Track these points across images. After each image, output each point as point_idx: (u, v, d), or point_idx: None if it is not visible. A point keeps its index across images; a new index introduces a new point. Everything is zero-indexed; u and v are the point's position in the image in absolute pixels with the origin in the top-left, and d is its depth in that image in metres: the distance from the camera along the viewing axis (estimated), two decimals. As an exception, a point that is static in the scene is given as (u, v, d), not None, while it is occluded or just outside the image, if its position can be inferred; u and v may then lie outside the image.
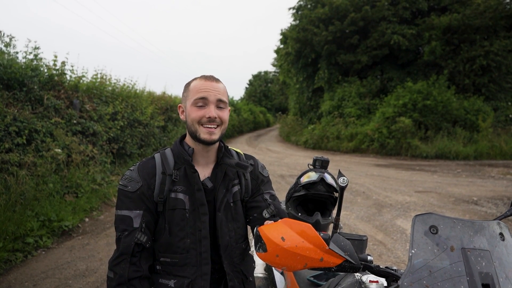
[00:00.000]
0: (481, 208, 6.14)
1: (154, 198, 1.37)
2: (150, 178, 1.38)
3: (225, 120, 1.42)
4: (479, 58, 15.76)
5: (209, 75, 1.44)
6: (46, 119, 6.42)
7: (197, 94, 1.37)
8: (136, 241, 1.31)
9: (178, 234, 1.37)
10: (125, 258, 1.31)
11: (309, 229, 0.97)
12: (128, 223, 1.34)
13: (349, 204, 6.49)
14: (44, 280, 3.71)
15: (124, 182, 1.38)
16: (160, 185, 1.37)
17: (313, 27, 18.35)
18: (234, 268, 1.45)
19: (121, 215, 1.36)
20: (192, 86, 1.41)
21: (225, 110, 1.43)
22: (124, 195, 1.37)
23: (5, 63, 6.15)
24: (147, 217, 1.36)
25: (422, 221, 0.93)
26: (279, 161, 12.36)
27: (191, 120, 1.38)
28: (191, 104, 1.38)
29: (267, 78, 52.37)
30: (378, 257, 4.19)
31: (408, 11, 17.75)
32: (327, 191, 2.07)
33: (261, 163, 1.63)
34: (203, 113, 1.36)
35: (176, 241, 1.37)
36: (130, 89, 10.40)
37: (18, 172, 5.06)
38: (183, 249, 1.37)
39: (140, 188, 1.36)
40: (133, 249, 1.31)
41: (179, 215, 1.37)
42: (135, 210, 1.35)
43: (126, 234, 1.33)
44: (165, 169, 1.39)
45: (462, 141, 13.73)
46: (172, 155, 1.44)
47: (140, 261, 1.34)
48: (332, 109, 18.36)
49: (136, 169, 1.40)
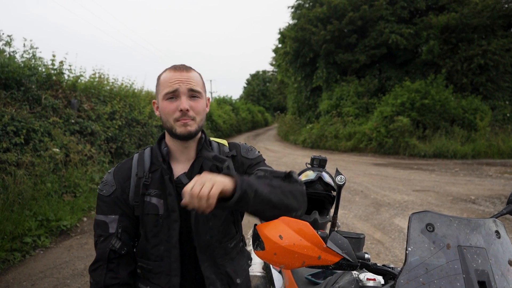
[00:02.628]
0: (479, 207, 6.16)
1: (130, 202, 1.31)
2: (124, 181, 1.32)
3: (200, 111, 1.30)
4: (477, 57, 15.79)
5: (179, 64, 1.33)
6: (44, 118, 6.41)
7: (167, 87, 1.26)
8: (111, 247, 1.26)
9: (151, 241, 1.30)
10: (101, 264, 1.27)
11: (307, 227, 0.97)
12: (103, 228, 1.29)
13: (347, 203, 6.50)
14: (43, 279, 3.71)
15: (101, 185, 1.34)
16: (135, 188, 1.30)
17: (311, 26, 18.35)
18: (217, 270, 1.33)
19: (97, 220, 1.31)
20: (162, 78, 1.31)
21: (200, 100, 1.30)
22: (100, 199, 1.32)
23: (3, 62, 6.13)
24: (124, 222, 1.30)
25: (418, 219, 0.94)
26: (277, 160, 12.36)
27: (164, 115, 1.29)
28: (162, 98, 1.28)
29: (265, 77, 52.37)
30: (376, 256, 4.20)
31: (406, 10, 17.78)
32: (325, 190, 2.08)
33: (247, 146, 1.47)
34: (175, 107, 1.25)
35: (149, 247, 1.31)
36: (128, 88, 10.40)
37: (16, 171, 5.05)
38: (157, 257, 1.30)
39: (114, 192, 1.30)
40: (108, 255, 1.26)
41: (152, 221, 1.29)
42: (110, 215, 1.29)
43: (102, 239, 1.28)
44: (139, 171, 1.32)
45: (460, 140, 13.75)
46: (150, 155, 1.36)
47: (119, 267, 1.29)
48: (330, 108, 18.37)
49: (113, 172, 1.35)
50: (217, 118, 21.06)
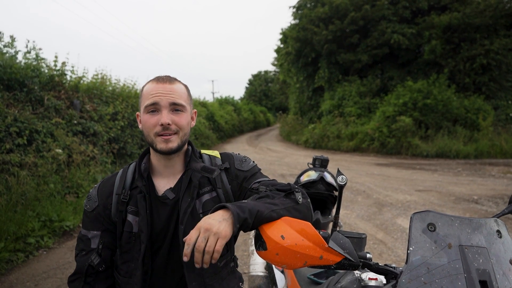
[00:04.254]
0: (482, 207, 6.15)
1: (112, 218, 1.29)
2: (106, 197, 1.30)
3: (183, 125, 1.24)
4: (479, 57, 15.75)
5: (163, 75, 1.28)
6: (47, 119, 6.43)
7: (148, 99, 1.22)
8: (90, 262, 1.26)
9: (123, 257, 1.29)
10: (79, 277, 1.28)
11: (309, 228, 0.98)
12: (86, 243, 1.29)
13: (350, 203, 6.50)
14: (46, 280, 3.72)
15: (86, 200, 1.33)
16: (116, 204, 1.28)
17: (313, 26, 18.35)
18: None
19: (81, 234, 1.32)
20: (144, 90, 1.26)
21: (183, 114, 1.25)
22: (85, 214, 1.32)
23: (6, 64, 6.16)
24: (107, 237, 1.29)
25: (420, 218, 0.94)
26: (279, 161, 12.37)
27: (146, 130, 1.24)
28: (143, 111, 1.24)
29: (267, 77, 52.38)
30: (379, 256, 4.20)
31: (408, 10, 17.75)
32: (327, 190, 2.09)
33: (241, 156, 1.40)
34: (156, 120, 1.21)
35: (120, 263, 1.30)
36: (130, 89, 10.44)
37: (19, 172, 5.08)
38: (126, 273, 1.29)
39: (96, 208, 1.29)
40: (86, 270, 1.27)
41: (125, 237, 1.27)
42: (92, 230, 1.29)
43: (84, 253, 1.29)
44: (119, 188, 1.29)
45: (463, 140, 13.72)
46: (133, 171, 1.33)
47: (96, 282, 1.30)
48: (332, 108, 18.36)
49: (97, 187, 1.34)
50: (219, 119, 21.07)
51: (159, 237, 1.29)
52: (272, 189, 1.20)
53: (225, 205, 1.00)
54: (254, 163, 1.40)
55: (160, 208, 1.29)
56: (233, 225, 0.96)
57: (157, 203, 1.30)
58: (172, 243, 1.29)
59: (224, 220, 0.96)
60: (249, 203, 1.03)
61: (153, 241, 1.29)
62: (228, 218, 0.97)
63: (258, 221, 1.00)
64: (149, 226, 1.26)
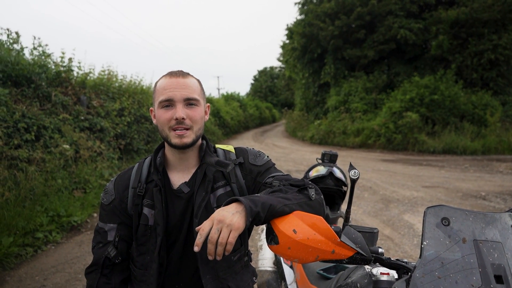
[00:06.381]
0: (489, 203, 6.11)
1: (128, 211, 1.32)
2: (123, 191, 1.32)
3: (197, 120, 1.26)
4: (487, 52, 15.58)
5: (176, 70, 1.29)
6: (54, 115, 6.47)
7: (162, 95, 1.23)
8: (107, 254, 1.29)
9: (139, 249, 1.31)
10: (96, 269, 1.30)
11: (321, 222, 0.98)
12: (103, 235, 1.32)
13: (356, 199, 6.49)
14: (54, 274, 3.76)
15: (103, 193, 1.36)
16: (132, 198, 1.30)
17: (319, 21, 18.25)
18: (219, 283, 1.29)
19: (98, 227, 1.34)
20: (158, 85, 1.28)
21: (197, 108, 1.26)
22: (101, 207, 1.35)
23: (13, 60, 6.19)
24: (123, 230, 1.32)
25: (434, 213, 0.94)
26: (285, 157, 12.36)
27: (160, 125, 1.26)
28: (158, 107, 1.25)
29: (273, 73, 52.25)
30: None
31: (415, 5, 17.57)
32: (336, 185, 2.08)
33: (255, 151, 1.40)
34: (171, 115, 1.22)
35: (136, 255, 1.32)
36: (136, 85, 10.45)
37: (27, 168, 5.12)
38: (142, 265, 1.31)
39: (113, 202, 1.32)
40: (103, 262, 1.29)
41: (141, 230, 1.29)
42: (109, 223, 1.32)
43: (101, 246, 1.31)
44: (135, 181, 1.32)
45: (470, 136, 13.62)
46: (149, 165, 1.35)
47: (112, 274, 1.32)
48: (338, 104, 18.29)
49: (114, 181, 1.36)
50: (225, 115, 21.08)
51: (174, 231, 1.31)
52: (285, 184, 1.20)
53: (238, 198, 1.01)
54: (268, 158, 1.41)
55: (175, 201, 1.31)
56: (245, 218, 0.96)
57: (172, 197, 1.31)
58: (187, 236, 1.31)
59: (237, 212, 0.97)
60: (262, 197, 1.04)
61: (169, 234, 1.31)
62: (241, 211, 0.97)
63: (270, 215, 1.00)
64: (164, 219, 1.28)
